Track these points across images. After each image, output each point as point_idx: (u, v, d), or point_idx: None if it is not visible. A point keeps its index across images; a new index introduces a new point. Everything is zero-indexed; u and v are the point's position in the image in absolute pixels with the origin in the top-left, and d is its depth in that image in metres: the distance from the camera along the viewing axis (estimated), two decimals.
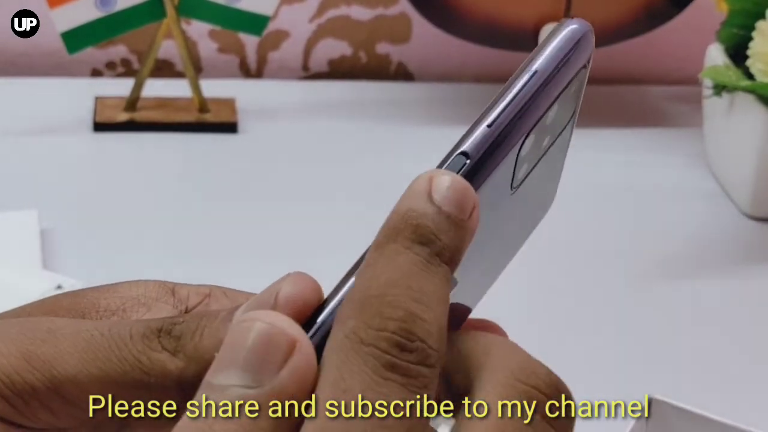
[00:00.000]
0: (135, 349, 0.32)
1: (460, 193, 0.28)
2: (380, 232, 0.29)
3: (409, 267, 0.28)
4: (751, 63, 0.91)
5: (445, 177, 0.29)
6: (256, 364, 0.27)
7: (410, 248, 0.28)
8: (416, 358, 0.27)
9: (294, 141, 1.01)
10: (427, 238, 0.28)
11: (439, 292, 0.28)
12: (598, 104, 1.13)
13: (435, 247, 0.28)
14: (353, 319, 0.27)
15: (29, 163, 0.95)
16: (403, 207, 0.29)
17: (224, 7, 0.98)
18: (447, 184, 0.28)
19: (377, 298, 0.27)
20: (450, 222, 0.28)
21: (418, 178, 0.29)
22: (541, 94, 0.31)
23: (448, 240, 0.28)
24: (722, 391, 0.74)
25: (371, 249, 0.28)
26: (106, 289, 0.36)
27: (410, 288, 0.27)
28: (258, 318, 0.28)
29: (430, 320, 0.27)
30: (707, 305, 0.84)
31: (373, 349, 0.27)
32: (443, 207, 0.28)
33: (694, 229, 0.93)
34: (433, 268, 0.28)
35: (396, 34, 1.15)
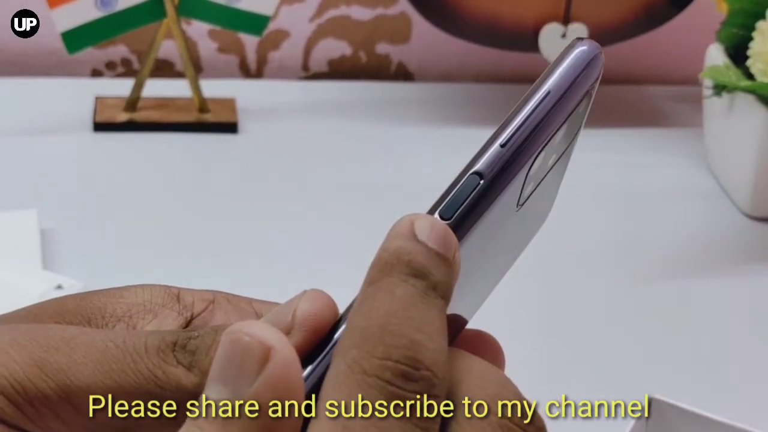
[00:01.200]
0: (150, 363, 0.32)
1: (442, 233, 0.29)
2: (372, 270, 0.28)
3: (408, 298, 0.27)
4: (751, 63, 0.91)
5: (425, 220, 0.29)
6: (234, 376, 0.27)
7: (406, 281, 0.28)
8: (422, 387, 0.27)
9: (294, 141, 1.01)
10: (421, 272, 0.28)
11: (438, 323, 0.28)
12: (598, 104, 1.12)
13: (430, 280, 0.28)
14: (355, 349, 0.27)
15: (29, 163, 0.95)
16: (392, 245, 0.28)
17: (224, 7, 0.98)
18: (429, 226, 0.29)
19: (379, 327, 0.27)
20: (439, 258, 0.28)
21: (398, 222, 0.29)
22: (554, 114, 0.31)
23: (440, 275, 0.28)
24: (722, 391, 0.74)
25: (365, 285, 0.28)
26: (112, 294, 0.36)
27: (411, 318, 0.27)
28: (239, 330, 0.27)
29: (434, 348, 0.27)
30: (707, 305, 0.84)
31: (376, 380, 0.26)
32: (429, 245, 0.28)
33: (694, 229, 0.93)
34: (430, 300, 0.28)
35: (396, 34, 1.15)
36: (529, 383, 0.79)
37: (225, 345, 0.27)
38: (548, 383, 0.72)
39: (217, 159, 0.98)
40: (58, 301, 0.35)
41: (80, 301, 0.35)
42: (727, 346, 0.80)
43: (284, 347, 0.27)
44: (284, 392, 0.27)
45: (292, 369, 0.27)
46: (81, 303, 0.35)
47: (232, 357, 0.27)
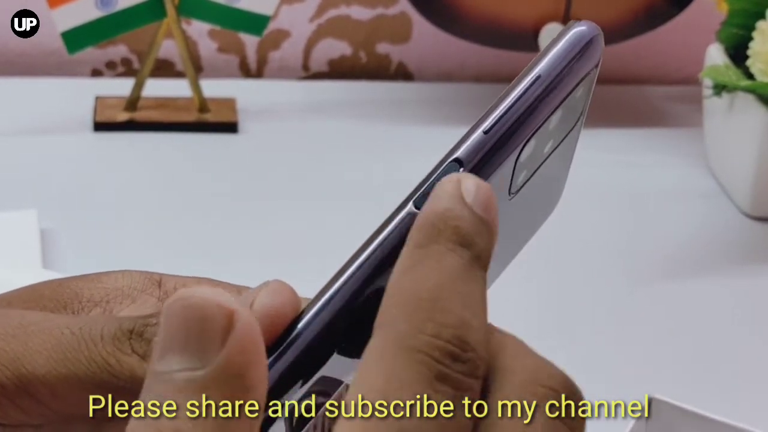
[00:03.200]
0: (104, 351, 0.31)
1: (487, 197, 0.28)
2: (417, 231, 0.27)
3: (456, 270, 0.27)
4: (751, 63, 0.91)
5: (472, 180, 0.28)
6: (196, 343, 0.26)
7: (454, 250, 0.27)
8: (468, 369, 0.26)
9: (294, 141, 1.01)
10: (467, 241, 0.27)
11: (482, 297, 0.27)
12: (598, 104, 1.12)
13: (475, 250, 0.27)
14: (404, 323, 0.26)
15: (29, 163, 0.95)
16: (440, 206, 0.27)
17: (224, 6, 0.98)
18: (475, 188, 0.28)
19: (429, 302, 0.26)
20: (483, 225, 0.27)
21: (445, 180, 0.28)
22: (543, 101, 0.29)
23: (483, 244, 0.27)
24: (722, 391, 0.74)
25: (411, 248, 0.27)
26: (90, 279, 0.35)
27: (460, 293, 0.26)
28: (188, 295, 0.26)
29: (479, 327, 0.26)
30: (707, 305, 0.84)
31: (425, 357, 0.26)
32: (474, 209, 0.27)
33: (694, 229, 0.93)
34: (475, 272, 0.27)
35: (396, 33, 1.15)
36: None
37: (178, 312, 0.26)
38: None
39: (217, 159, 0.98)
40: (34, 287, 0.35)
41: (57, 286, 0.35)
42: (727, 346, 0.80)
43: (245, 311, 0.26)
44: (254, 356, 0.26)
45: (257, 333, 0.26)
46: (58, 288, 0.35)
47: (190, 324, 0.26)
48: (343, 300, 0.28)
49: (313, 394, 0.28)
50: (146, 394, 0.26)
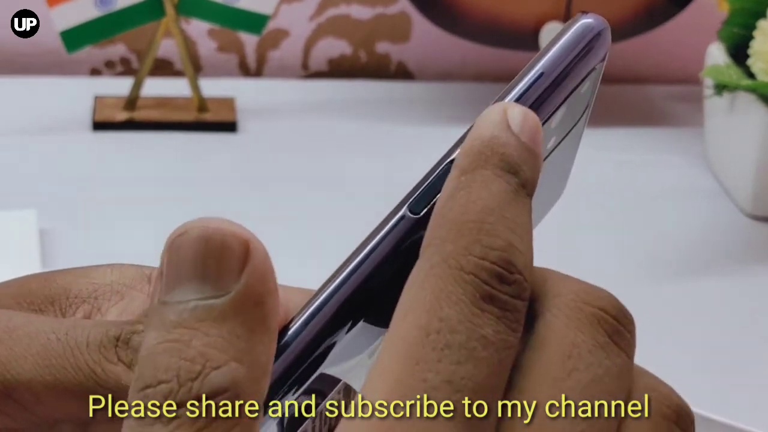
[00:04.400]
0: (90, 359, 0.31)
1: (534, 125, 0.28)
2: (464, 158, 0.27)
3: (503, 195, 0.27)
4: (752, 62, 0.91)
5: (518, 108, 0.28)
6: (215, 272, 0.26)
7: (501, 176, 0.27)
8: (514, 291, 0.26)
9: (293, 140, 1.01)
10: (514, 168, 0.27)
11: (527, 223, 0.27)
12: (599, 104, 1.12)
13: (521, 177, 0.27)
14: (451, 244, 0.26)
15: (28, 163, 0.95)
16: (486, 133, 0.27)
17: (224, 6, 0.98)
18: (522, 116, 0.28)
19: (476, 224, 0.26)
20: (529, 153, 0.27)
21: (490, 109, 0.28)
22: (547, 98, 0.29)
23: (529, 171, 0.27)
24: (722, 391, 0.74)
25: (457, 173, 0.27)
26: (78, 274, 0.35)
27: (506, 218, 0.26)
28: (203, 225, 0.26)
29: (525, 252, 0.26)
30: (707, 305, 0.84)
31: (473, 277, 0.26)
32: (521, 137, 0.27)
33: (694, 229, 0.93)
34: (521, 198, 0.27)
35: (396, 33, 1.15)
36: None
37: (192, 242, 0.26)
38: None
39: (217, 158, 0.98)
40: (21, 281, 0.34)
41: (44, 281, 0.34)
42: (727, 346, 0.79)
43: (258, 241, 0.26)
44: (270, 285, 0.26)
45: (270, 263, 0.26)
46: (45, 283, 0.34)
47: (208, 253, 0.25)
48: (335, 307, 0.28)
49: (313, 394, 0.28)
50: (158, 326, 0.25)
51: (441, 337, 0.25)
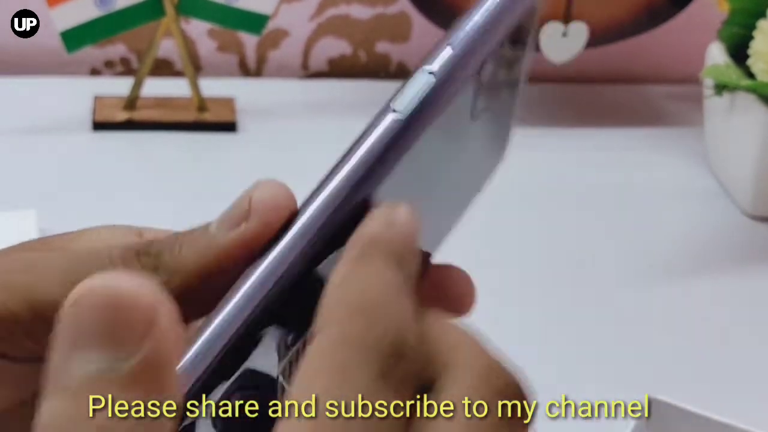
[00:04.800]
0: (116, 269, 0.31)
1: (415, 222, 0.29)
2: (355, 247, 0.29)
3: (394, 283, 0.28)
4: (752, 62, 0.91)
5: (404, 209, 0.29)
6: (117, 337, 0.24)
7: (390, 267, 0.28)
8: (413, 368, 0.27)
9: (294, 140, 1.01)
10: (401, 261, 0.28)
11: (414, 311, 0.28)
12: (598, 104, 1.12)
13: (406, 270, 0.28)
14: (350, 324, 0.27)
15: (28, 163, 0.95)
16: (375, 226, 0.29)
17: (224, 6, 0.98)
18: (404, 216, 0.29)
19: (374, 305, 0.27)
20: (412, 249, 0.29)
21: (382, 207, 0.29)
22: (498, 21, 0.32)
23: (413, 266, 0.29)
24: (722, 391, 0.74)
25: (351, 260, 0.28)
26: (73, 237, 0.36)
27: (400, 303, 0.28)
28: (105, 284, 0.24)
29: (417, 333, 0.28)
30: (707, 305, 0.84)
31: (372, 355, 0.27)
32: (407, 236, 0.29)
33: (694, 229, 0.93)
34: (408, 291, 0.28)
35: (396, 33, 1.15)
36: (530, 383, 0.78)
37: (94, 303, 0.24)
38: (548, 383, 0.72)
39: (217, 158, 0.98)
40: (22, 246, 0.35)
41: (42, 244, 0.35)
42: (727, 346, 0.79)
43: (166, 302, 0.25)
44: (175, 351, 0.25)
45: (177, 326, 0.25)
46: (43, 246, 0.35)
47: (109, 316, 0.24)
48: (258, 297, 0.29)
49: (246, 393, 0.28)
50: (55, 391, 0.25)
51: (341, 423, 0.26)
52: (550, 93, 1.13)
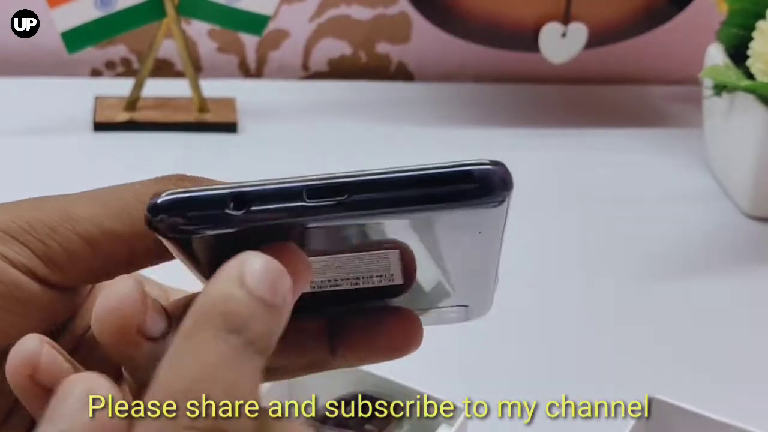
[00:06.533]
0: (151, 189, 0.33)
1: (273, 276, 0.28)
2: (188, 317, 0.27)
3: (219, 358, 0.26)
4: (751, 63, 0.91)
5: (258, 259, 0.28)
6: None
7: (220, 337, 0.27)
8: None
9: (294, 141, 1.01)
10: (238, 326, 0.27)
11: (250, 385, 0.27)
12: (598, 105, 1.12)
13: (247, 335, 0.27)
14: (160, 418, 0.26)
15: (28, 163, 0.95)
16: (214, 291, 0.27)
17: (224, 6, 0.98)
18: (260, 267, 0.28)
19: (184, 393, 0.26)
20: (263, 307, 0.27)
21: (230, 262, 0.28)
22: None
23: (261, 327, 0.27)
24: (722, 391, 0.74)
25: (179, 337, 0.27)
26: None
27: (221, 381, 0.26)
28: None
29: (242, 414, 0.26)
30: (707, 305, 0.84)
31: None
32: (255, 291, 0.27)
33: (694, 229, 0.93)
34: (245, 356, 0.27)
35: (396, 33, 1.15)
36: (529, 383, 0.79)
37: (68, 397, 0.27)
38: (548, 383, 0.72)
39: (217, 159, 0.98)
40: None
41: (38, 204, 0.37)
42: (727, 346, 0.80)
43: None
44: None
45: None
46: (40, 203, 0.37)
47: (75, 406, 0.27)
48: None
49: None
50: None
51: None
52: (550, 93, 1.13)
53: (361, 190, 0.30)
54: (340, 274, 0.33)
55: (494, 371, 0.74)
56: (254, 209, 0.29)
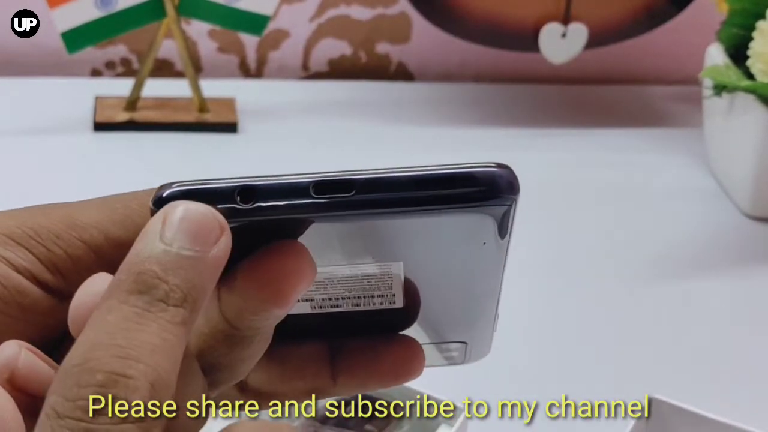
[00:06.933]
0: (144, 209, 0.33)
1: (195, 223, 0.28)
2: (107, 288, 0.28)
3: (119, 323, 0.27)
4: (751, 63, 0.91)
5: (179, 208, 0.28)
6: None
7: (125, 301, 0.27)
8: (114, 419, 0.26)
9: (294, 141, 1.01)
10: (148, 285, 0.27)
11: (155, 339, 0.27)
12: (598, 105, 1.12)
13: (158, 292, 0.27)
14: (53, 395, 0.26)
15: (28, 163, 0.95)
16: (131, 254, 0.28)
17: (224, 6, 0.98)
18: (180, 216, 0.28)
19: (78, 367, 0.26)
20: (183, 259, 0.27)
21: (153, 216, 0.28)
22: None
23: (179, 279, 0.27)
24: (722, 391, 0.74)
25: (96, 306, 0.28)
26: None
27: (117, 346, 0.26)
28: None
29: (137, 375, 0.26)
30: (707, 305, 0.84)
31: (68, 421, 0.26)
32: (174, 244, 0.27)
33: (694, 229, 0.93)
34: (151, 315, 0.27)
35: (396, 33, 1.15)
36: (529, 383, 0.79)
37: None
38: (548, 383, 0.72)
39: (217, 159, 0.98)
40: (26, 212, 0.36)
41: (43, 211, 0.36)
42: (727, 346, 0.80)
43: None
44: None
45: None
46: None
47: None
48: None
49: None
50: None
51: None
52: (550, 93, 1.13)
53: (368, 188, 0.30)
54: (340, 291, 0.33)
55: (494, 371, 0.74)
56: (261, 203, 0.29)
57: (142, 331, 0.26)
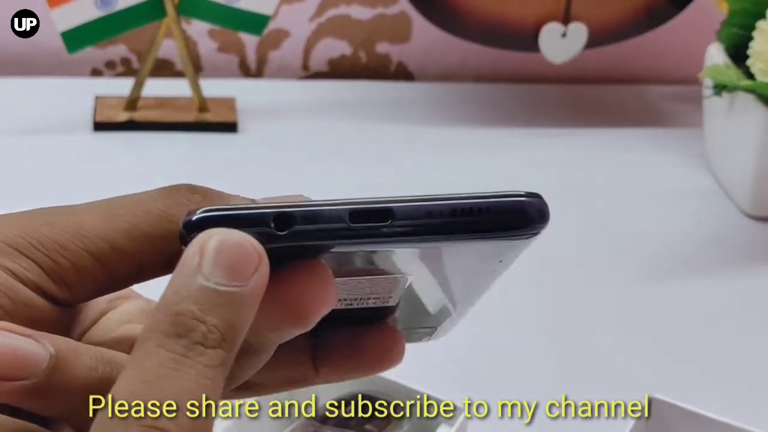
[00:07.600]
0: (161, 204, 0.33)
1: (233, 256, 0.27)
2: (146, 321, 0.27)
3: (155, 369, 0.26)
4: (751, 62, 0.91)
5: (215, 239, 0.27)
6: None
7: (163, 345, 0.26)
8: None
9: (294, 140, 1.01)
10: (186, 327, 0.27)
11: (192, 386, 0.26)
12: (598, 104, 1.12)
13: (196, 335, 0.27)
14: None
15: (28, 163, 0.95)
16: (168, 292, 0.27)
17: (224, 6, 0.98)
18: (216, 246, 0.27)
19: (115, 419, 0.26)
20: (221, 295, 0.27)
21: (189, 247, 0.28)
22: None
23: (217, 319, 0.27)
24: (722, 391, 0.74)
25: (135, 346, 0.27)
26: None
27: (156, 394, 0.26)
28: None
29: (174, 429, 0.26)
30: (707, 305, 0.84)
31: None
32: (210, 280, 0.27)
33: (694, 229, 0.93)
34: (189, 361, 0.26)
35: (396, 33, 1.15)
36: (529, 383, 0.79)
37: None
38: (548, 383, 0.72)
39: (217, 159, 0.98)
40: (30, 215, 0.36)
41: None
42: (727, 346, 0.80)
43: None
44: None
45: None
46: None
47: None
48: None
49: None
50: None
51: None
52: (550, 93, 1.13)
53: (405, 216, 0.30)
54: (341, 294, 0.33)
55: (494, 371, 0.74)
56: (296, 230, 0.29)
57: (179, 379, 0.26)
